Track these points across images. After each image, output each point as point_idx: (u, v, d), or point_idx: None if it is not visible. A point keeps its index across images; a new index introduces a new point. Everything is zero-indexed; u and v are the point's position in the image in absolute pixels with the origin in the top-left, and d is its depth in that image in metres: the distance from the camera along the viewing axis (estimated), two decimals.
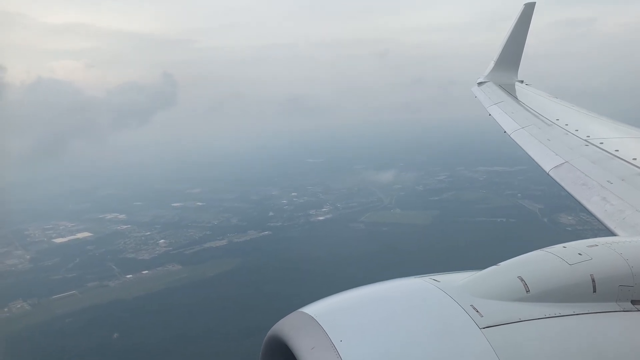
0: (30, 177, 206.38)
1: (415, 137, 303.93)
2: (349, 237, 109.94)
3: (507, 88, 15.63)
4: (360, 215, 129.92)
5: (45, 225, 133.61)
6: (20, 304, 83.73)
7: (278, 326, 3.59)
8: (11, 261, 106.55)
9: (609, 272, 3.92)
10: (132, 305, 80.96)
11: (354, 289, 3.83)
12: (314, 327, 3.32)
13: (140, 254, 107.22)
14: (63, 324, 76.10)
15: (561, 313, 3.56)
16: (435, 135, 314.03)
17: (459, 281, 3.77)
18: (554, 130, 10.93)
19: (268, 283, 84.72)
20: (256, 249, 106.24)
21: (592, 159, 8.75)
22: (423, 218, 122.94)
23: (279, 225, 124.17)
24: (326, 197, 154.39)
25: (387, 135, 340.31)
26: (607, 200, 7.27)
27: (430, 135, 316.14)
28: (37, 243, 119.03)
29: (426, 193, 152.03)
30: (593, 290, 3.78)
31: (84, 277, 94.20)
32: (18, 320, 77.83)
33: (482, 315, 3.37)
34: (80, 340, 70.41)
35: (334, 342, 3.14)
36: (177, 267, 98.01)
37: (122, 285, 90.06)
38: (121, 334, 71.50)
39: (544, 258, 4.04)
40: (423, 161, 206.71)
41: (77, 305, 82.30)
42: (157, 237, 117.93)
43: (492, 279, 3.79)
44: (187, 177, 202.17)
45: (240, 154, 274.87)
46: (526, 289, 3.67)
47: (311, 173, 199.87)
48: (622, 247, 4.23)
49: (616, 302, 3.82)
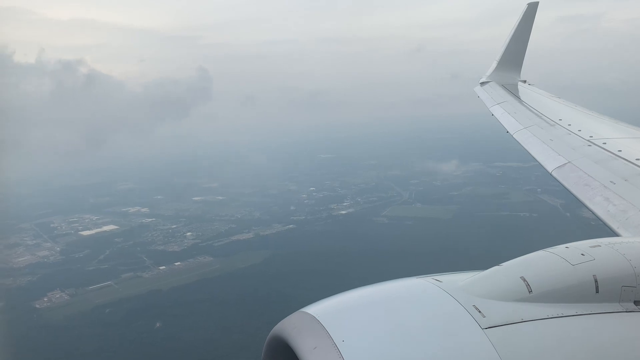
0: (48, 170, 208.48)
1: (430, 133, 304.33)
2: (375, 231, 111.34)
3: (510, 88, 15.60)
4: (382, 210, 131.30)
5: (69, 218, 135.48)
6: (59, 294, 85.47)
7: (280, 326, 3.59)
8: (42, 253, 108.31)
9: (612, 273, 3.91)
10: (170, 296, 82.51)
11: (356, 289, 3.85)
12: (316, 327, 3.32)
13: (170, 246, 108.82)
14: (103, 314, 77.76)
15: (564, 313, 3.56)
16: (452, 130, 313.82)
17: (461, 281, 3.78)
18: (556, 130, 10.86)
19: (301, 275, 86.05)
20: (283, 242, 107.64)
21: (595, 159, 8.69)
22: (445, 212, 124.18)
23: (302, 219, 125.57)
24: (345, 191, 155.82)
25: (403, 131, 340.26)
26: (610, 200, 7.22)
27: (446, 130, 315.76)
28: (65, 235, 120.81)
29: (445, 188, 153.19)
30: (596, 290, 3.77)
31: (117, 269, 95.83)
32: (59, 310, 79.55)
33: (484, 316, 3.38)
34: (124, 329, 71.99)
35: (336, 342, 3.16)
36: (208, 259, 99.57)
37: (156, 277, 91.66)
38: (163, 323, 73.05)
39: (547, 258, 4.04)
40: (437, 157, 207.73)
41: (115, 296, 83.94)
42: (184, 230, 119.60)
43: (494, 279, 3.81)
44: (203, 171, 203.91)
45: (254, 149, 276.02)
46: (529, 289, 3.67)
47: (325, 168, 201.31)
48: (625, 247, 4.21)
49: (619, 302, 3.81)
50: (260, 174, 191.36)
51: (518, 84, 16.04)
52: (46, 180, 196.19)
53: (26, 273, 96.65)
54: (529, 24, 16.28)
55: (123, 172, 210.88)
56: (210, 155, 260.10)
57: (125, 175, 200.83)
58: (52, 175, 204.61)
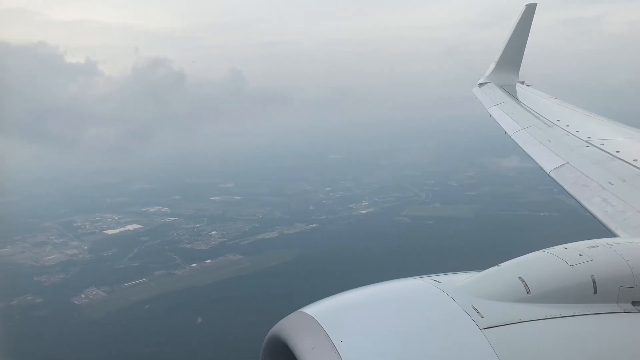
0: (62, 170, 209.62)
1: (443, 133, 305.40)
2: (399, 230, 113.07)
3: (508, 89, 15.63)
4: (401, 210, 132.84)
5: (91, 218, 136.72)
6: (95, 291, 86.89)
7: (278, 326, 3.62)
8: (70, 251, 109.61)
9: (610, 273, 3.92)
10: (206, 292, 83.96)
11: (354, 289, 3.90)
12: (315, 327, 3.35)
13: (197, 244, 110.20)
14: (143, 310, 79.21)
15: (562, 314, 3.58)
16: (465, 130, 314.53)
17: (459, 282, 3.80)
18: (554, 131, 10.90)
19: (331, 273, 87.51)
20: (309, 241, 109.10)
21: (593, 160, 8.74)
22: (466, 212, 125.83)
23: (323, 219, 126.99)
24: (361, 191, 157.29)
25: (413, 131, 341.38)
26: (608, 201, 7.27)
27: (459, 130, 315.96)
28: (90, 234, 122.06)
29: (461, 188, 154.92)
30: (594, 291, 3.78)
31: (148, 267, 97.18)
32: (99, 306, 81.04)
33: (482, 316, 3.39)
34: (166, 325, 73.41)
35: (335, 342, 3.17)
36: (238, 257, 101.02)
37: (189, 274, 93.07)
38: (204, 319, 74.50)
39: (545, 259, 4.06)
40: (448, 157, 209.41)
41: (151, 292, 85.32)
42: (208, 229, 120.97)
43: (492, 280, 3.83)
44: (217, 171, 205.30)
45: (263, 150, 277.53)
46: (527, 289, 3.69)
47: (338, 168, 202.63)
48: (623, 248, 4.23)
49: (617, 303, 3.83)
50: (272, 174, 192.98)
51: (516, 85, 16.16)
52: (60, 179, 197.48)
53: (58, 271, 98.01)
54: (527, 25, 16.37)
55: (133, 172, 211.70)
56: (218, 155, 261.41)
57: (138, 176, 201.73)
58: (65, 175, 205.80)
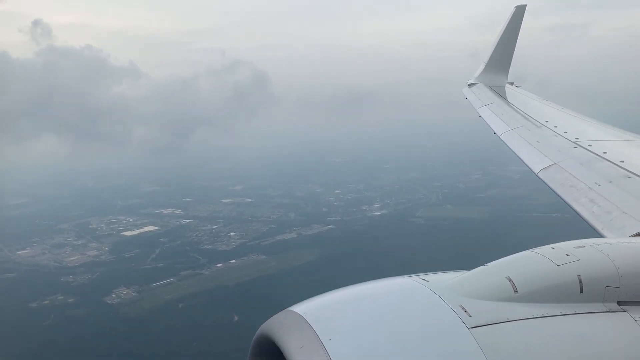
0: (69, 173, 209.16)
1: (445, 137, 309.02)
2: (417, 231, 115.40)
3: (498, 90, 15.75)
4: (414, 211, 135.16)
5: (106, 220, 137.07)
6: (125, 291, 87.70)
7: (267, 325, 3.63)
8: (91, 252, 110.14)
9: (596, 273, 3.98)
10: (237, 291, 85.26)
11: (343, 288, 3.92)
12: (303, 325, 3.36)
13: (218, 245, 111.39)
14: (178, 308, 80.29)
15: (549, 313, 3.62)
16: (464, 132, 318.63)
17: (447, 281, 3.83)
18: (543, 132, 11.00)
19: (361, 270, 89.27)
20: (329, 241, 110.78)
21: (581, 161, 8.84)
22: (479, 213, 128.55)
23: (339, 220, 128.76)
24: (372, 194, 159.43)
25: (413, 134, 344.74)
26: (594, 202, 7.35)
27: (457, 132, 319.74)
28: (108, 236, 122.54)
29: (469, 190, 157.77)
30: (580, 291, 3.84)
31: (174, 267, 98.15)
32: (133, 305, 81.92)
33: (470, 315, 3.42)
34: (205, 322, 74.62)
35: (323, 340, 3.19)
36: (261, 257, 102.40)
37: (216, 273, 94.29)
38: (240, 316, 75.75)
39: (532, 258, 4.11)
40: (451, 161, 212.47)
41: (182, 291, 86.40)
42: (226, 230, 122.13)
43: (480, 279, 3.86)
44: (224, 174, 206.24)
45: (266, 153, 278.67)
46: (514, 289, 3.73)
47: (343, 171, 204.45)
48: (609, 248, 4.29)
49: (602, 302, 3.87)
50: (278, 177, 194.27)
51: (506, 86, 16.30)
52: (64, 181, 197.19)
53: (83, 271, 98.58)
54: (516, 26, 16.47)
55: (138, 175, 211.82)
56: (218, 159, 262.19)
57: (144, 178, 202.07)
58: (70, 178, 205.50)
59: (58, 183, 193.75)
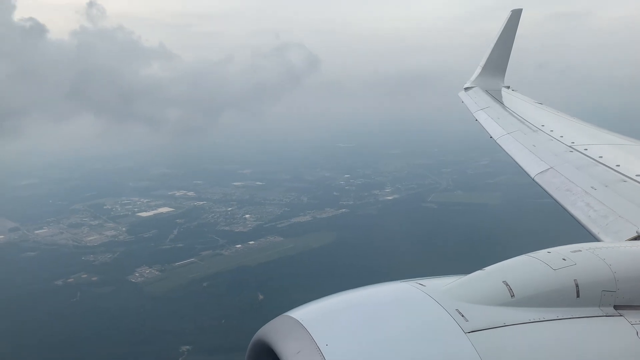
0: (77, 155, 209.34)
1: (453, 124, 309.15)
2: (432, 216, 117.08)
3: (494, 94, 15.86)
4: (426, 196, 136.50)
5: (120, 201, 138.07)
6: (148, 270, 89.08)
7: (263, 330, 3.62)
8: (109, 232, 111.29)
9: (592, 278, 3.98)
10: (260, 270, 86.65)
11: (339, 293, 3.91)
12: (300, 331, 3.36)
13: (235, 227, 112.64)
14: (202, 287, 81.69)
15: (545, 318, 3.63)
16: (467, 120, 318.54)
17: (444, 285, 3.83)
18: (539, 136, 11.05)
19: (380, 253, 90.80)
20: (344, 224, 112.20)
21: (577, 165, 8.89)
22: (490, 198, 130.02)
23: (351, 204, 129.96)
24: (382, 178, 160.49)
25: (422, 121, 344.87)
26: (590, 206, 7.37)
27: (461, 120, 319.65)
28: (123, 217, 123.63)
29: (479, 176, 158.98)
30: (577, 295, 3.84)
31: (194, 247, 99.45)
32: (158, 284, 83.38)
33: (467, 320, 3.43)
34: (231, 300, 76.08)
35: (320, 346, 3.19)
36: (279, 238, 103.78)
37: (236, 254, 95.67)
38: (265, 295, 77.22)
39: (529, 263, 4.10)
40: (457, 149, 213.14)
41: (205, 271, 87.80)
42: (241, 212, 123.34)
43: (477, 284, 3.87)
44: (231, 158, 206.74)
45: (271, 135, 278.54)
46: (511, 293, 3.73)
47: (350, 156, 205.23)
48: (605, 252, 4.29)
49: (599, 307, 3.88)
50: (286, 161, 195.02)
51: (502, 90, 16.42)
52: (74, 166, 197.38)
53: (103, 251, 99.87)
54: (512, 30, 16.73)
55: (147, 157, 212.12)
56: (223, 144, 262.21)
57: (154, 160, 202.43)
58: (78, 160, 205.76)
59: (65, 165, 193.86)
